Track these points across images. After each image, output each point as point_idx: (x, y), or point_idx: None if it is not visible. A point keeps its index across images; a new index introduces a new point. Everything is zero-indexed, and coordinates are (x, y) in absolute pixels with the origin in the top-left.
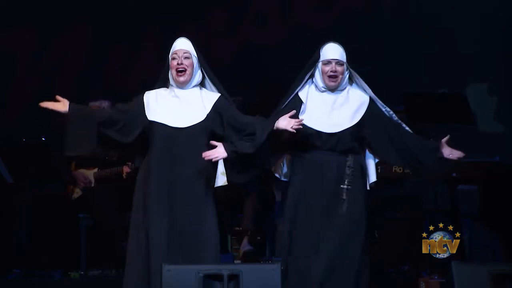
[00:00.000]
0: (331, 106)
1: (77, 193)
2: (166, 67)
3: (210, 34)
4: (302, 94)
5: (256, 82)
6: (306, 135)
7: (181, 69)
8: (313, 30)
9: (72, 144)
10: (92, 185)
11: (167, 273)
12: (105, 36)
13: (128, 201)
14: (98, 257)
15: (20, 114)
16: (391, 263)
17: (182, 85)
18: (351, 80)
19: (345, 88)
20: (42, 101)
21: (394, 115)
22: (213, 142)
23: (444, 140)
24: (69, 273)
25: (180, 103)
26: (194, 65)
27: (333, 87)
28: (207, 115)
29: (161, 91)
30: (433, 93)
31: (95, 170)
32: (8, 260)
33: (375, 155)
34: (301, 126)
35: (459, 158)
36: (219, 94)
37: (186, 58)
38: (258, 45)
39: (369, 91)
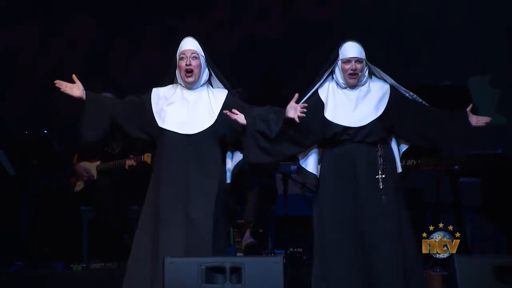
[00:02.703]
0: (355, 101)
1: (79, 185)
2: (174, 66)
3: (212, 26)
4: (322, 92)
5: (257, 75)
6: (335, 131)
7: (189, 69)
8: (314, 24)
9: (87, 131)
10: (94, 178)
11: (170, 265)
12: (107, 30)
13: (130, 194)
14: (100, 250)
15: (23, 108)
16: None
17: (190, 85)
18: (370, 74)
19: (365, 83)
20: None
21: (417, 98)
22: (234, 111)
23: (468, 109)
24: (71, 265)
25: (188, 108)
26: (202, 65)
27: (353, 84)
28: (216, 119)
29: (169, 91)
30: (436, 85)
31: (98, 163)
32: (10, 252)
33: (405, 141)
34: (303, 115)
35: (486, 123)
36: (226, 92)
37: (194, 58)
38: (260, 38)
39: (390, 80)
